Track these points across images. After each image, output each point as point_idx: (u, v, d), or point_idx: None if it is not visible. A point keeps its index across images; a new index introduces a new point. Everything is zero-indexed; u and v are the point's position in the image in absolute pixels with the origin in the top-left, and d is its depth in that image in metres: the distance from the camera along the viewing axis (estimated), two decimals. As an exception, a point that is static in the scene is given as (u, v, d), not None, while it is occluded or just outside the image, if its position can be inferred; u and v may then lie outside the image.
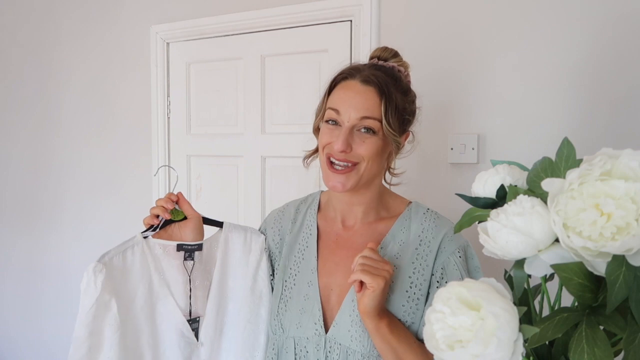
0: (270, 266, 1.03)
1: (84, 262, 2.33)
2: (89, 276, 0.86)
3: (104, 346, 0.86)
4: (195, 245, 0.97)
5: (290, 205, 1.08)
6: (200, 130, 2.00)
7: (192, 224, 0.97)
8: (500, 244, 0.49)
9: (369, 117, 0.87)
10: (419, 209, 0.96)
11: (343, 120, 0.88)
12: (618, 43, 1.30)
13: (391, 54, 0.97)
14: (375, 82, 0.88)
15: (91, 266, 0.86)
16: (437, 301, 0.49)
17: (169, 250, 0.95)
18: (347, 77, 0.91)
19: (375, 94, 0.87)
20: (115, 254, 0.90)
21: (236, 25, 1.84)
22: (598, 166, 0.44)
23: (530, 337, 0.45)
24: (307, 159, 1.03)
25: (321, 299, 0.93)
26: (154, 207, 0.95)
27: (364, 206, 0.96)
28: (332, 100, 0.92)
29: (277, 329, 0.96)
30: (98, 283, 0.86)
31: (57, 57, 2.29)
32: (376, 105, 0.87)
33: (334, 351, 0.90)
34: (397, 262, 0.90)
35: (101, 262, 0.87)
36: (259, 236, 1.04)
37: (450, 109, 1.51)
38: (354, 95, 0.88)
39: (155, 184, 2.07)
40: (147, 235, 0.94)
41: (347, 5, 1.62)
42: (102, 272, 0.86)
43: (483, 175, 0.60)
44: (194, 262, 0.97)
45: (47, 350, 2.42)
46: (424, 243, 0.91)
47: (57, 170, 2.33)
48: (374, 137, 0.88)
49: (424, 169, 1.53)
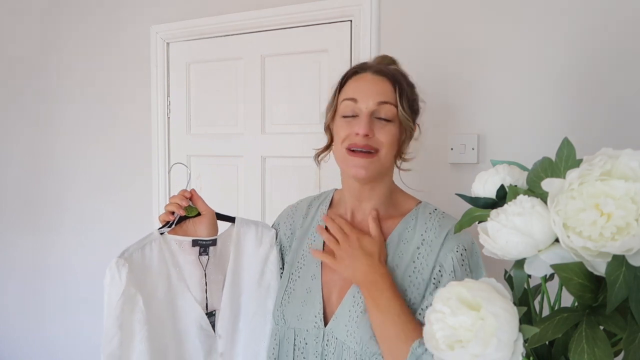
0: (281, 260, 1.05)
1: (86, 262, 2.35)
2: (113, 271, 0.87)
3: (135, 339, 0.88)
4: (209, 241, 0.99)
5: (304, 201, 1.11)
6: (200, 130, 2.00)
7: (206, 220, 0.99)
8: (500, 244, 0.49)
9: (386, 102, 0.90)
10: (426, 209, 0.97)
11: (360, 108, 0.91)
12: (618, 43, 1.30)
13: (390, 61, 1.01)
14: (387, 73, 0.93)
15: (113, 261, 0.87)
16: (437, 301, 0.49)
17: (184, 246, 0.97)
18: (359, 71, 0.95)
19: (388, 82, 0.92)
20: (135, 250, 0.91)
21: (236, 25, 1.84)
22: (598, 166, 0.44)
23: (530, 337, 0.45)
24: (319, 157, 1.05)
25: (323, 293, 0.95)
26: (168, 204, 0.97)
27: (375, 201, 0.97)
28: (346, 92, 0.95)
29: (279, 320, 0.98)
30: (123, 276, 0.87)
31: (57, 57, 2.29)
32: (390, 92, 0.91)
33: (331, 345, 0.91)
34: (398, 261, 0.91)
35: (122, 257, 0.88)
36: (270, 230, 1.07)
37: (450, 109, 1.51)
38: (369, 85, 0.92)
39: (155, 184, 2.07)
40: (163, 232, 0.95)
41: (347, 5, 1.62)
42: (125, 266, 0.87)
43: (483, 175, 0.60)
44: (209, 257, 0.99)
45: (49, 351, 2.42)
46: (426, 242, 0.91)
47: (58, 171, 2.33)
48: (391, 125, 0.91)
49: (424, 169, 1.52)
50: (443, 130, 1.50)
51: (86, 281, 2.28)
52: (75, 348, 2.34)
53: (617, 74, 1.30)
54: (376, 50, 1.58)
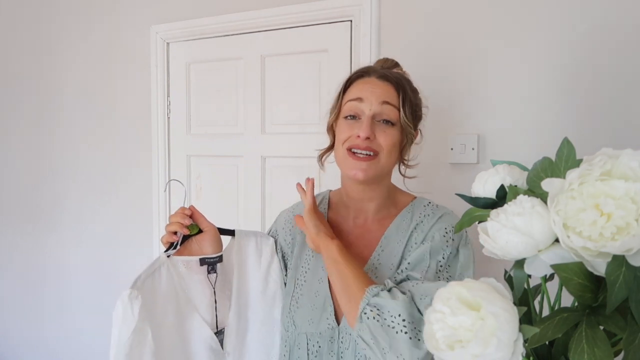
0: (284, 267, 1.05)
1: (84, 263, 2.35)
2: (125, 304, 0.82)
3: None
4: (217, 258, 0.97)
5: (300, 205, 1.10)
6: (200, 130, 2.00)
7: (209, 237, 0.97)
8: (500, 244, 0.49)
9: (390, 103, 0.92)
10: (421, 202, 1.00)
11: (364, 109, 0.92)
12: (619, 43, 1.30)
13: (393, 64, 1.02)
14: (391, 78, 0.94)
15: (125, 294, 0.83)
16: (437, 301, 0.49)
17: (191, 266, 0.94)
18: (364, 75, 0.96)
19: (392, 87, 0.93)
20: (146, 277, 0.88)
21: (236, 25, 1.84)
22: (598, 166, 0.44)
23: (530, 337, 0.45)
24: (322, 157, 1.06)
25: (332, 295, 0.95)
26: (169, 224, 0.94)
27: (375, 202, 0.99)
28: (351, 93, 0.96)
29: (289, 326, 0.98)
30: (135, 311, 0.83)
31: (57, 57, 2.29)
32: (394, 96, 0.93)
33: (346, 342, 0.92)
34: (397, 248, 0.94)
35: (135, 288, 0.84)
36: (269, 239, 1.06)
37: (450, 109, 1.51)
38: (374, 87, 0.93)
39: (155, 184, 2.07)
40: (169, 254, 0.93)
41: (347, 5, 1.62)
42: (138, 299, 0.83)
43: (483, 175, 0.60)
44: (217, 275, 0.97)
45: (46, 351, 2.42)
46: (419, 226, 0.95)
47: (57, 171, 2.33)
48: (393, 129, 0.92)
49: (424, 169, 1.52)
50: (443, 130, 1.50)
51: (84, 281, 2.28)
52: (72, 347, 2.34)
53: (617, 74, 1.30)
54: (376, 50, 1.58)
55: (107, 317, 0.86)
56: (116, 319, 0.83)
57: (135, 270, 0.88)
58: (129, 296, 0.83)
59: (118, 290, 0.85)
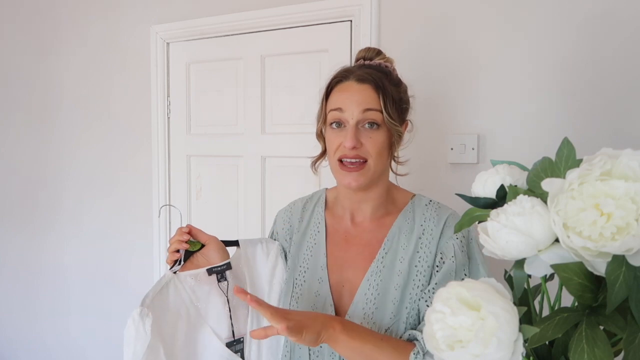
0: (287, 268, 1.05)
1: (81, 261, 2.35)
2: (137, 322, 0.83)
3: None
4: (224, 265, 0.97)
5: (297, 204, 1.11)
6: (200, 130, 2.00)
7: (213, 247, 0.98)
8: (500, 244, 0.49)
9: (371, 109, 0.91)
10: (421, 201, 1.00)
11: (347, 117, 0.92)
12: (619, 42, 1.30)
13: (375, 53, 1.01)
14: (369, 79, 0.92)
15: (136, 312, 0.84)
16: (437, 301, 0.49)
17: (200, 278, 0.94)
18: (342, 80, 0.95)
19: (372, 89, 0.92)
20: (154, 294, 0.88)
21: (236, 25, 1.84)
22: (598, 166, 0.44)
23: (530, 337, 0.45)
24: (315, 164, 1.06)
25: (332, 295, 0.95)
26: (169, 246, 0.96)
27: (373, 202, 0.99)
28: (332, 102, 0.95)
29: None
30: (147, 328, 0.83)
31: (57, 57, 2.29)
32: (375, 99, 0.91)
33: None
34: (403, 253, 0.94)
35: (144, 305, 0.85)
36: (273, 243, 1.07)
37: (450, 109, 1.51)
38: (353, 93, 0.92)
39: (155, 184, 2.07)
40: (175, 271, 0.93)
41: (347, 5, 1.62)
42: (149, 317, 0.84)
43: (483, 175, 0.60)
44: (228, 282, 0.97)
45: (43, 350, 2.42)
46: (426, 232, 0.94)
47: (56, 170, 2.33)
48: (378, 131, 0.92)
49: (424, 169, 1.53)
50: (443, 130, 1.50)
51: (81, 281, 2.28)
52: (67, 346, 2.33)
53: (617, 74, 1.30)
54: (376, 50, 1.58)
55: (103, 316, 0.86)
56: (128, 337, 0.84)
57: (135, 270, 0.88)
58: (139, 314, 0.83)
59: (115, 291, 0.85)
